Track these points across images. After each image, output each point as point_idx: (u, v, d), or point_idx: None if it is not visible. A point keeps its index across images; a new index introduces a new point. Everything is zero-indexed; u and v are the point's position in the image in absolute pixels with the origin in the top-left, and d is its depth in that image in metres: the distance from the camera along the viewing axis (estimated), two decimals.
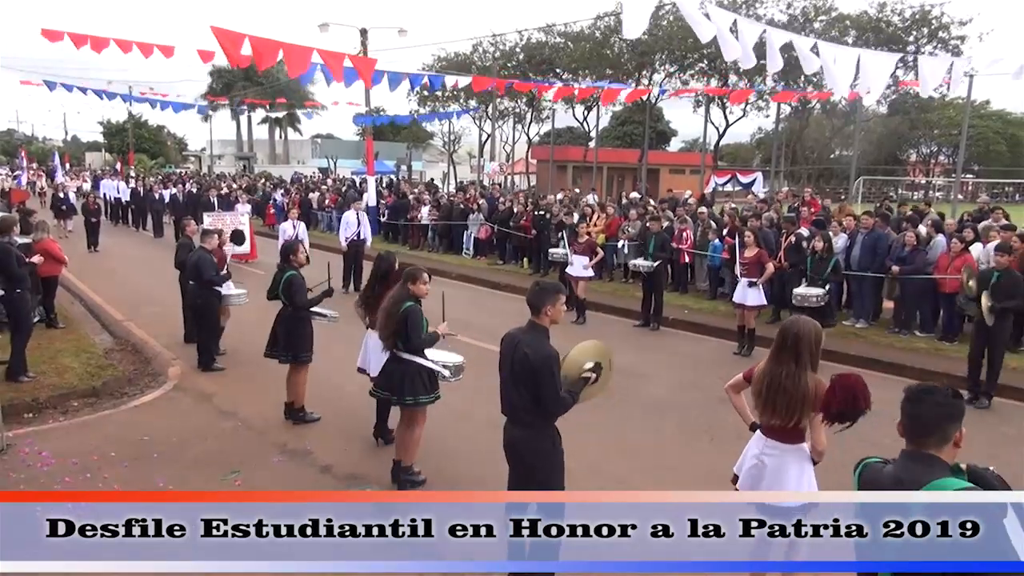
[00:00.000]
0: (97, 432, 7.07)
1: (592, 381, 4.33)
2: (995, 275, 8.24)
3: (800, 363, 3.85)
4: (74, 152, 74.25)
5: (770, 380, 3.92)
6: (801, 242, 11.72)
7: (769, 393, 3.91)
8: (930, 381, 9.43)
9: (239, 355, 9.56)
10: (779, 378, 3.88)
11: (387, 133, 56.35)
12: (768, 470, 4.01)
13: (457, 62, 39.32)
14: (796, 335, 3.89)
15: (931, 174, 55.36)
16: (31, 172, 46.64)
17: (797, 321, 4.02)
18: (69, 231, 22.79)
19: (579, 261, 12.15)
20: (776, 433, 4.02)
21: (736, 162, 54.86)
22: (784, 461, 3.99)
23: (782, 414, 3.89)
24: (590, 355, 4.40)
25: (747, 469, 4.13)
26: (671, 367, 9.91)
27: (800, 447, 3.99)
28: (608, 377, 4.50)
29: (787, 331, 3.95)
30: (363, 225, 14.51)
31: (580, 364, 4.33)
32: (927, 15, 31.56)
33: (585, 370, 4.31)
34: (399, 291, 5.80)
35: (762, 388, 3.96)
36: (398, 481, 5.88)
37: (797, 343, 3.87)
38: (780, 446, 4.01)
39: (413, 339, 5.65)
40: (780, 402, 3.87)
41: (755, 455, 4.10)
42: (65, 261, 11.17)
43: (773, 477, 3.98)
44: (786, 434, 3.99)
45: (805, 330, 3.90)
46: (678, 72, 37.59)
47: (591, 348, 4.45)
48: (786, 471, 3.97)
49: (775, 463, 4.00)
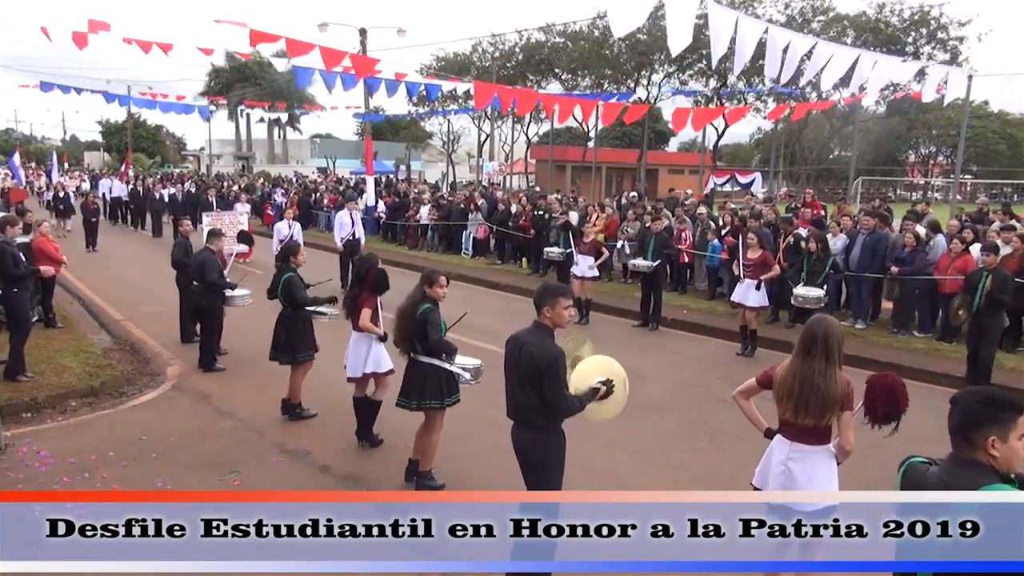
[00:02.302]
0: (95, 432, 7.06)
1: (601, 395, 4.26)
2: (984, 275, 8.27)
3: (831, 360, 3.79)
4: (73, 152, 74.17)
5: (803, 379, 3.83)
6: (799, 242, 11.73)
7: (803, 393, 3.82)
8: (930, 381, 9.43)
9: (237, 355, 9.55)
10: (811, 376, 3.80)
11: (386, 133, 56.46)
12: (797, 476, 3.91)
13: (456, 62, 39.31)
14: (826, 333, 3.83)
15: (930, 175, 55.43)
16: (29, 172, 46.60)
17: (823, 319, 3.97)
18: (68, 231, 22.77)
19: (584, 261, 12.14)
20: (804, 435, 3.92)
21: (735, 162, 54.91)
22: (813, 463, 3.91)
23: (816, 413, 3.80)
24: (600, 372, 4.34)
25: (775, 476, 4.01)
26: (670, 367, 9.92)
27: (827, 448, 3.92)
28: (622, 400, 4.40)
29: (815, 329, 3.88)
30: (357, 225, 14.53)
31: (588, 379, 4.29)
32: (926, 16, 31.59)
33: (597, 382, 4.27)
34: (416, 293, 5.71)
35: (793, 388, 3.86)
36: (416, 483, 5.84)
37: (827, 340, 3.81)
38: (806, 448, 3.92)
39: (432, 339, 5.58)
40: (814, 401, 3.79)
41: (781, 461, 3.99)
42: (63, 261, 11.16)
43: (804, 483, 3.88)
44: (815, 435, 3.90)
45: (833, 328, 3.86)
46: (677, 72, 37.59)
47: (601, 364, 4.40)
48: (816, 474, 3.90)
49: (803, 467, 3.91)
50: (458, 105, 39.61)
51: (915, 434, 6.34)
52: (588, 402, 4.25)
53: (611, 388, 4.29)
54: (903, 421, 3.86)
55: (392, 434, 6.74)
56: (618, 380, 4.35)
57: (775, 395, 4.00)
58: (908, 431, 6.41)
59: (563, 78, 38.87)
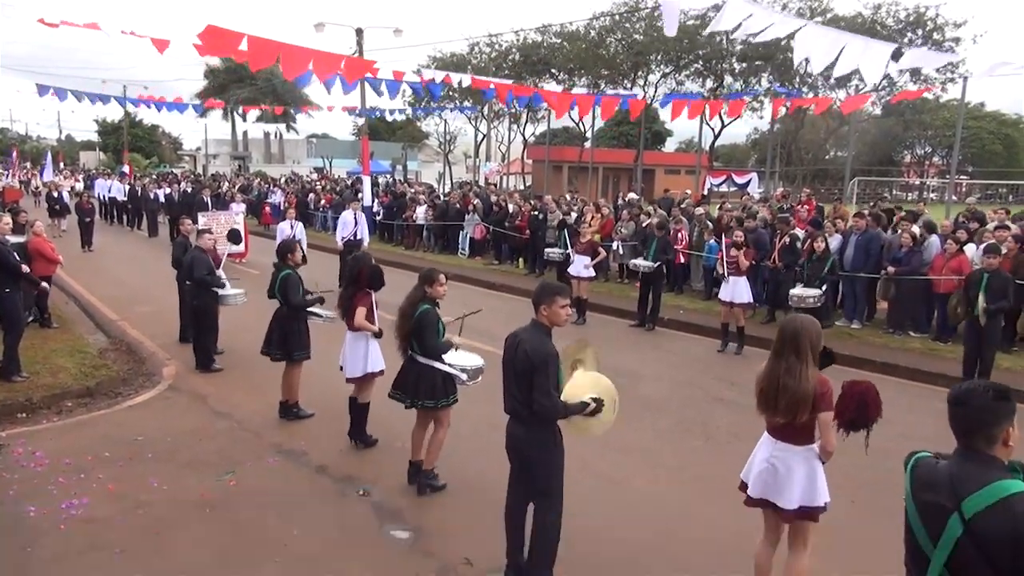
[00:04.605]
0: (91, 432, 7.04)
1: (588, 411, 4.27)
2: (985, 276, 8.30)
3: (801, 358, 3.81)
4: (68, 151, 73.97)
5: (771, 378, 3.88)
6: (795, 243, 11.75)
7: (770, 390, 3.88)
8: (925, 381, 9.46)
9: (234, 355, 9.53)
10: (779, 374, 3.85)
11: (383, 133, 56.39)
12: (780, 473, 3.96)
13: (453, 63, 39.27)
14: (795, 331, 3.86)
15: (925, 175, 55.58)
16: (24, 171, 46.48)
17: (796, 318, 4.01)
18: (63, 231, 22.71)
19: (580, 261, 12.16)
20: (785, 434, 3.96)
21: (731, 163, 55.04)
22: (796, 463, 3.94)
23: (785, 411, 3.83)
24: (595, 390, 4.34)
25: (757, 474, 4.06)
26: (667, 367, 9.93)
27: (810, 448, 3.95)
28: (608, 422, 4.41)
29: (786, 327, 3.93)
30: (360, 225, 14.49)
31: (581, 394, 4.31)
32: (921, 17, 31.67)
33: (589, 398, 4.28)
34: (415, 292, 5.69)
35: (764, 387, 3.93)
36: (417, 484, 5.81)
37: (796, 338, 3.83)
38: (790, 448, 3.96)
39: (427, 342, 5.59)
40: (781, 399, 3.83)
41: (764, 459, 4.04)
42: (59, 261, 11.13)
43: (785, 480, 3.94)
44: (795, 435, 3.94)
45: (804, 325, 3.89)
46: (673, 73, 37.62)
47: (600, 383, 4.40)
48: (798, 473, 3.93)
49: (786, 466, 3.95)
50: (455, 103, 39.57)
51: (911, 433, 6.38)
52: (573, 413, 4.25)
53: (600, 407, 4.30)
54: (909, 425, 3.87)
55: (388, 434, 6.73)
56: (608, 402, 4.35)
57: (756, 393, 4.04)
58: (905, 431, 6.45)
59: (560, 78, 38.85)
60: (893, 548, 2.79)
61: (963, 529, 2.36)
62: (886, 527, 3.57)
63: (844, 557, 4.89)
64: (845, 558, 4.88)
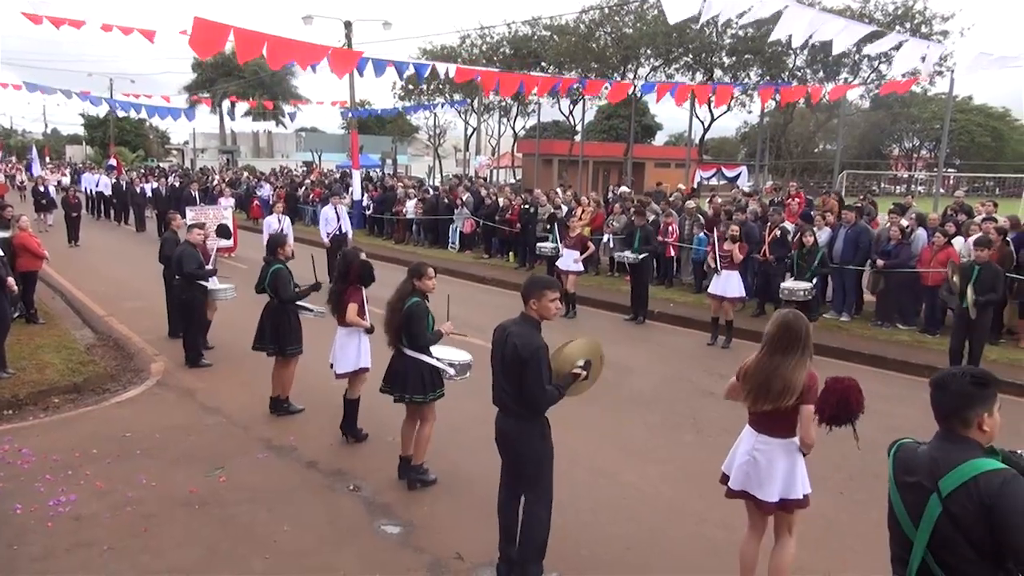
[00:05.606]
0: (79, 429, 6.99)
1: (582, 378, 4.36)
2: (975, 269, 8.35)
3: (791, 350, 3.85)
4: (54, 145, 73.30)
5: (758, 369, 3.93)
6: (786, 236, 11.78)
7: (759, 380, 3.91)
8: (913, 373, 9.51)
9: (223, 350, 9.48)
10: (768, 366, 3.88)
11: (372, 127, 56.11)
12: (761, 466, 4.00)
13: (443, 55, 39.14)
14: (785, 324, 3.90)
15: (914, 168, 55.88)
16: (9, 165, 46.02)
17: (783, 314, 4.05)
18: (49, 225, 22.52)
19: (569, 255, 12.15)
20: (767, 426, 4.00)
21: (721, 156, 55.04)
22: (777, 455, 3.99)
23: (774, 399, 3.86)
24: (583, 353, 4.41)
25: (738, 466, 4.10)
26: (656, 360, 9.95)
27: (791, 440, 3.99)
28: (598, 371, 4.52)
29: (776, 321, 3.97)
30: (343, 220, 14.44)
31: (572, 361, 4.35)
32: (909, 10, 31.83)
33: (577, 367, 4.33)
34: (404, 286, 5.69)
35: (749, 378, 3.97)
36: (407, 479, 5.81)
37: (787, 332, 3.88)
38: (771, 440, 4.00)
39: (416, 336, 5.59)
40: (774, 388, 3.86)
41: (746, 451, 4.08)
42: (45, 256, 11.03)
43: (766, 472, 3.98)
44: (776, 427, 3.98)
45: (793, 319, 3.93)
46: (663, 66, 37.64)
47: (584, 345, 4.46)
48: (779, 465, 3.98)
49: (767, 459, 3.99)
50: (445, 98, 39.47)
51: (899, 425, 6.41)
52: (567, 389, 4.31)
53: (589, 369, 4.39)
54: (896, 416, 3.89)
55: (379, 429, 6.72)
56: (595, 356, 4.44)
57: (743, 386, 4.08)
58: (892, 423, 6.49)
59: (550, 71, 38.81)
60: (881, 538, 2.81)
61: (941, 508, 2.42)
62: (874, 517, 3.60)
63: (832, 548, 4.92)
64: (833, 548, 4.92)
